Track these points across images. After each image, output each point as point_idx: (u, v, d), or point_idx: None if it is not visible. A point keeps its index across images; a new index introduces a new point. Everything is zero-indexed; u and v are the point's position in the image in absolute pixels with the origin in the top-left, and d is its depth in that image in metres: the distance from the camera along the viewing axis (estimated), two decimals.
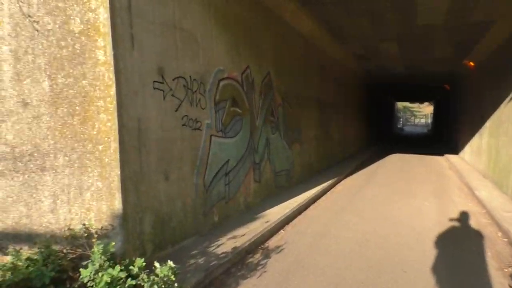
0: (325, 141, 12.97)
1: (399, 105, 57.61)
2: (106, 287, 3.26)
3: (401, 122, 59.50)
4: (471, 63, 14.44)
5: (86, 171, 3.96)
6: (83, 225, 3.85)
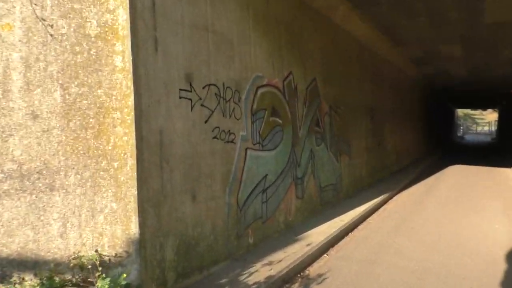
0: (377, 152, 12.01)
1: (459, 112, 54.25)
2: None
3: (461, 130, 55.96)
4: None
5: (100, 191, 3.54)
6: (95, 251, 3.42)
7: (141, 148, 3.64)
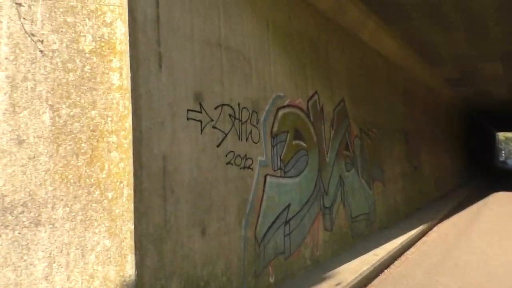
0: (413, 178, 11.16)
1: (501, 135, 51.68)
2: None
3: (503, 155, 53.16)
4: None
5: (91, 225, 3.09)
6: None
7: (140, 176, 3.19)
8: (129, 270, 3.07)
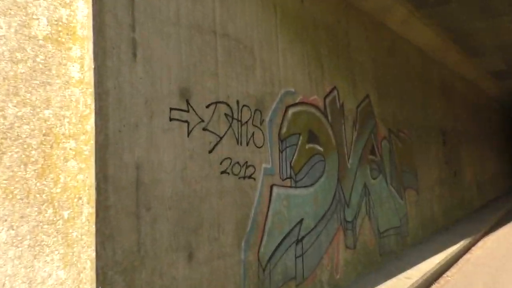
0: (452, 185, 10.10)
1: None
2: None
3: None
4: None
5: (42, 252, 2.50)
6: None
7: (105, 191, 2.58)
8: None
